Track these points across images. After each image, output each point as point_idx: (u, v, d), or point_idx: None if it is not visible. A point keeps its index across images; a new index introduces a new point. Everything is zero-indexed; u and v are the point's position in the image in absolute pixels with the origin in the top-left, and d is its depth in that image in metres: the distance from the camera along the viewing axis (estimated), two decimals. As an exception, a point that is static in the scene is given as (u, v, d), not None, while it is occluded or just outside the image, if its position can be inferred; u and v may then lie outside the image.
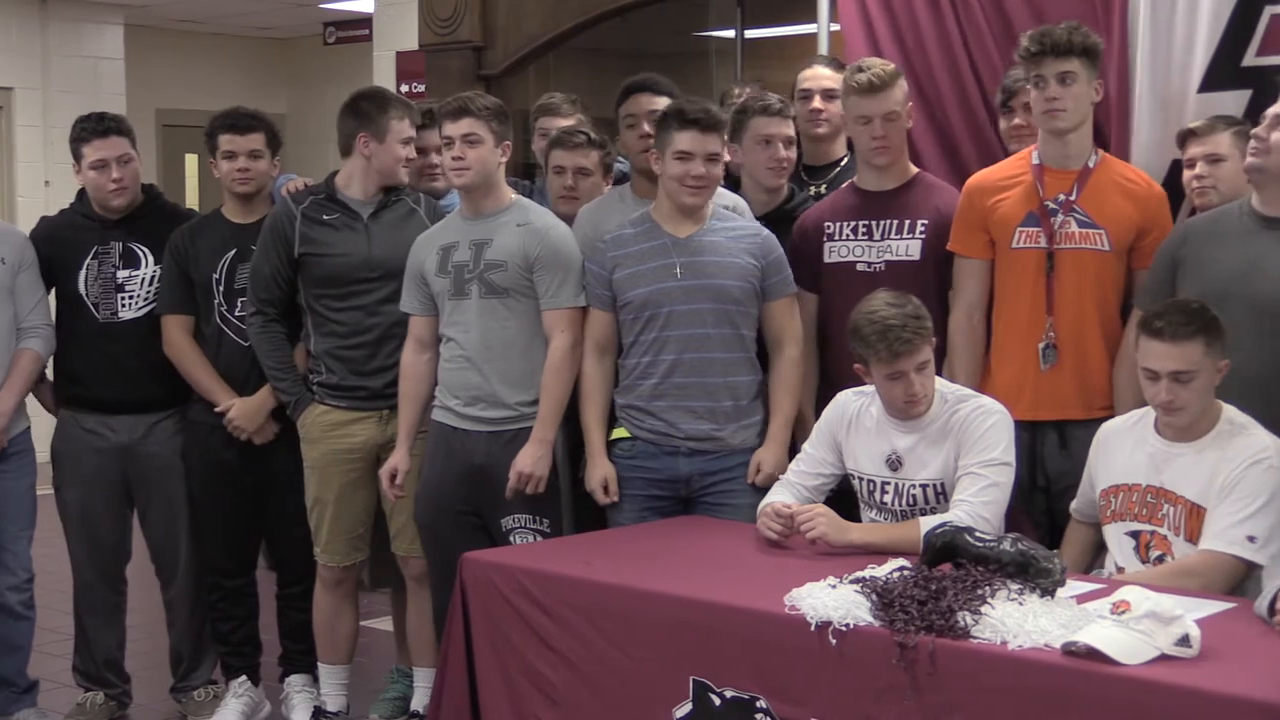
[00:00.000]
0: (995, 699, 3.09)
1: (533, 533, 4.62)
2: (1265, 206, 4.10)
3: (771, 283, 4.56)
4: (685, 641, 3.58)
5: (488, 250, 4.63)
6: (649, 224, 4.59)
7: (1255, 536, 3.64)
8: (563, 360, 4.60)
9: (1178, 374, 3.74)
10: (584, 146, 4.97)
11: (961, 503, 3.93)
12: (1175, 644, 3.01)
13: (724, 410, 4.51)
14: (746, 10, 8.33)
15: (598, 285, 4.60)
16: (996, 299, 4.50)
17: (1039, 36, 4.33)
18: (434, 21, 7.82)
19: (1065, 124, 4.34)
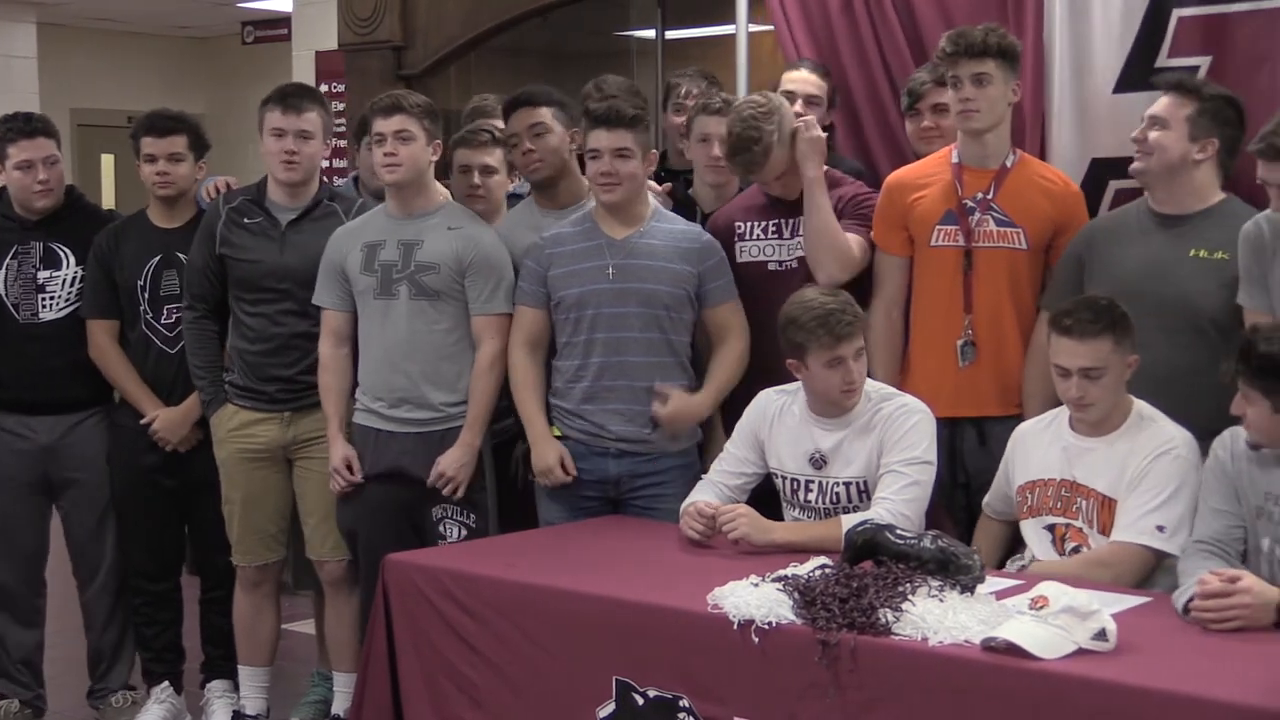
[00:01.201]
0: (916, 695, 3.12)
1: (459, 525, 4.61)
2: (1159, 205, 4.18)
3: (710, 289, 4.55)
4: (608, 641, 3.58)
5: (418, 252, 4.61)
6: (589, 224, 4.59)
7: (1164, 526, 3.70)
8: (491, 365, 4.59)
9: (1087, 370, 3.79)
10: (489, 144, 4.95)
11: (883, 500, 3.96)
12: (1092, 638, 3.05)
13: (651, 414, 4.51)
14: (667, 10, 8.35)
15: (533, 282, 4.58)
16: (915, 296, 4.53)
17: (955, 38, 4.37)
18: (353, 21, 7.78)
19: (980, 124, 4.38)
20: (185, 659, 5.37)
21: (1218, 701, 2.80)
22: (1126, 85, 4.61)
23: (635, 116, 4.51)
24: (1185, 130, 4.09)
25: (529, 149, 4.79)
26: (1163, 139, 4.09)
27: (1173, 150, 4.10)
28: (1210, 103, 4.11)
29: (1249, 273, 3.95)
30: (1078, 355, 3.80)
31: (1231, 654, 3.08)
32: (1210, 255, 4.08)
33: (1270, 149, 3.70)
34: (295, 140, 4.81)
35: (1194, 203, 4.15)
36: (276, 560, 5.04)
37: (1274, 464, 3.52)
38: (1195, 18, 4.54)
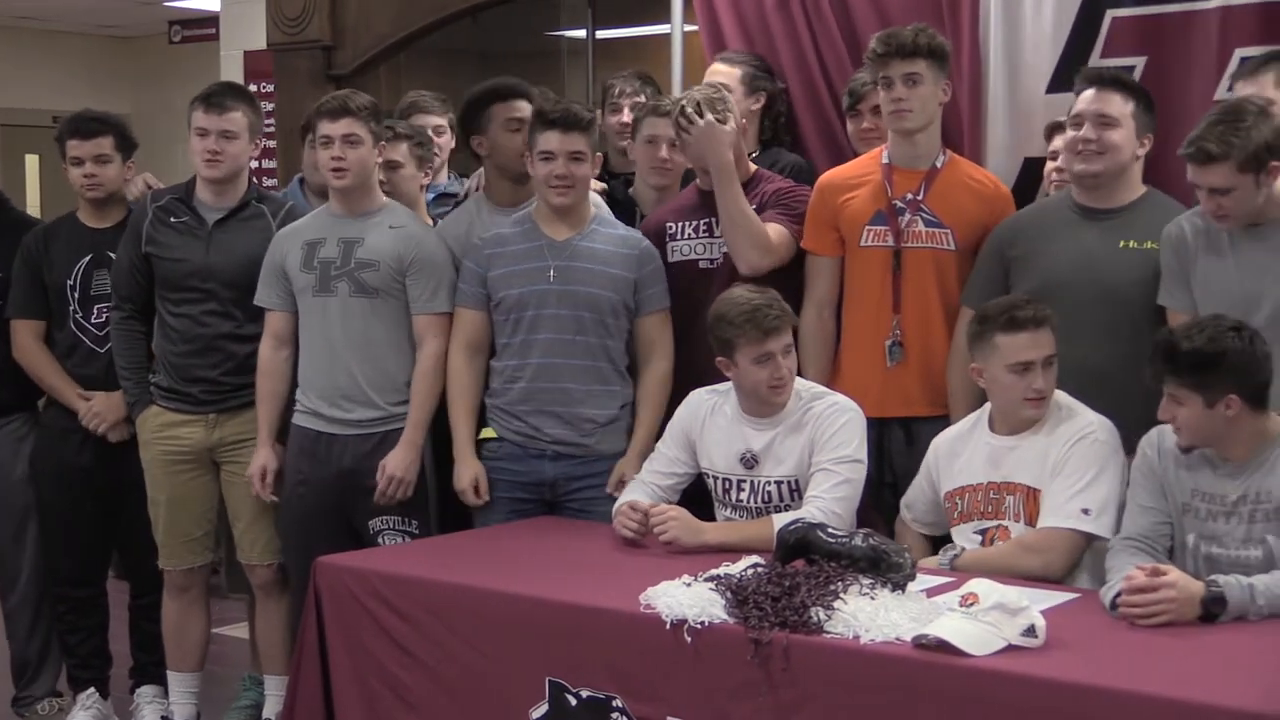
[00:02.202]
0: (848, 693, 3.14)
1: (401, 534, 4.58)
2: (1088, 199, 4.21)
3: (645, 295, 4.55)
4: (541, 642, 3.57)
5: (359, 249, 4.59)
6: (529, 225, 4.57)
7: (1089, 509, 3.74)
8: (434, 366, 4.58)
9: (1049, 358, 3.84)
10: (392, 140, 4.93)
11: (814, 499, 3.98)
12: (1022, 634, 3.07)
13: (586, 418, 4.50)
14: (597, 10, 8.34)
15: (473, 283, 4.57)
16: (845, 296, 4.55)
17: (886, 38, 4.40)
18: (282, 21, 7.72)
19: (911, 124, 4.41)
20: (112, 664, 5.32)
21: (1145, 695, 2.83)
22: (1060, 85, 4.65)
23: (589, 120, 4.51)
24: (1132, 127, 4.13)
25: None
26: (1116, 138, 4.12)
27: (1125, 149, 4.13)
28: (1144, 98, 4.16)
29: (1171, 272, 3.99)
30: (1039, 345, 3.84)
31: (1158, 648, 3.12)
32: (1140, 245, 4.12)
33: (1200, 152, 3.73)
34: (219, 140, 4.78)
35: (1124, 196, 4.19)
36: (203, 564, 4.99)
37: (1201, 462, 3.57)
38: (1129, 18, 4.58)
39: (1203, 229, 3.92)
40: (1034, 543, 3.78)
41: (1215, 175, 3.73)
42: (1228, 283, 3.87)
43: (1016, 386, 3.87)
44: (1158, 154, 4.23)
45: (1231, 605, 3.25)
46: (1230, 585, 3.26)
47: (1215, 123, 3.75)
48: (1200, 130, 3.76)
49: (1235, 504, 3.50)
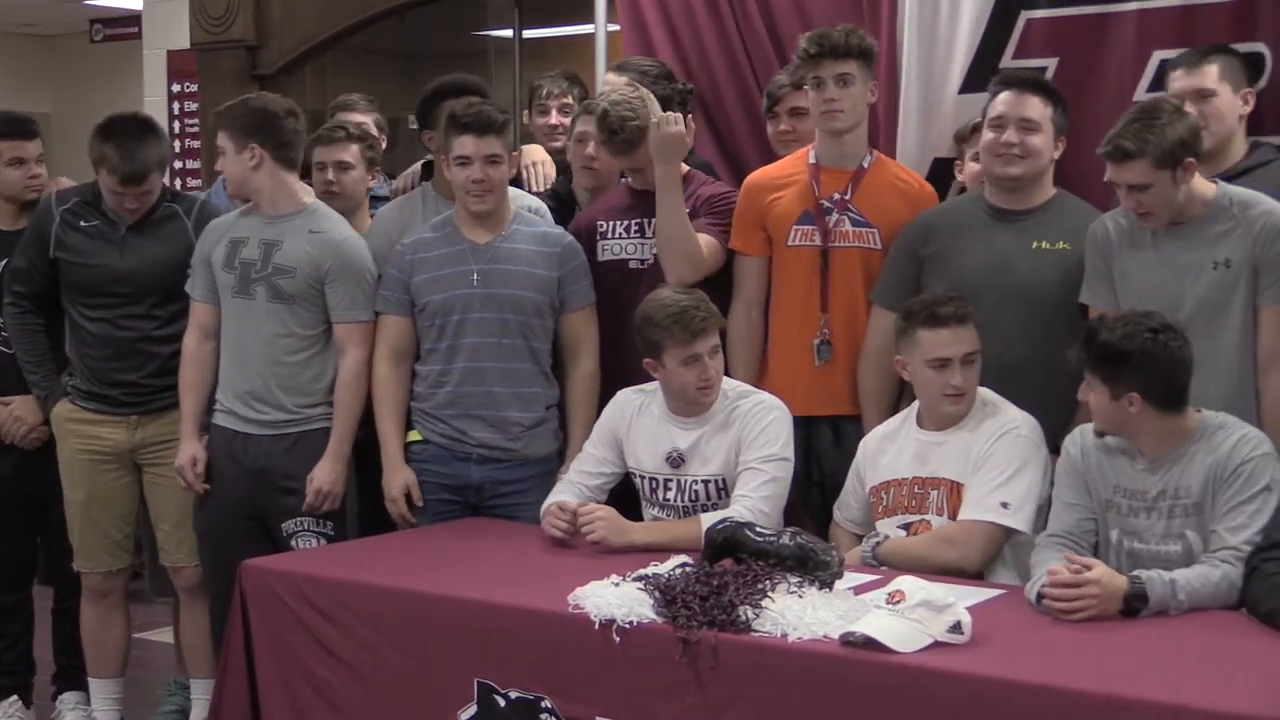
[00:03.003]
0: (777, 691, 3.15)
1: (316, 536, 4.54)
2: (1001, 200, 4.25)
3: (569, 292, 4.54)
4: (469, 643, 3.57)
5: (277, 253, 4.54)
6: (450, 228, 4.55)
7: (1009, 503, 3.77)
8: (358, 374, 4.54)
9: (968, 356, 3.87)
10: (343, 141, 4.91)
11: (742, 498, 3.99)
12: (948, 631, 3.10)
13: (513, 421, 4.49)
14: (524, 10, 8.34)
15: (396, 290, 4.53)
16: (773, 296, 4.56)
17: (818, 39, 4.40)
18: (205, 20, 7.67)
19: (843, 125, 4.43)
20: (36, 671, 5.26)
21: (1069, 690, 2.86)
22: (972, 85, 4.69)
23: (504, 122, 4.49)
24: (1051, 131, 4.17)
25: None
26: (1038, 142, 4.16)
27: (1045, 153, 4.18)
28: (1061, 101, 4.20)
29: (1095, 270, 4.04)
30: (960, 342, 3.87)
31: (1082, 643, 3.15)
32: (1053, 246, 4.16)
33: (1117, 150, 3.79)
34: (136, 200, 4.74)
35: (1036, 198, 4.23)
36: (121, 568, 4.93)
37: (1122, 457, 3.61)
38: (1043, 19, 4.62)
39: (1126, 228, 3.97)
40: (952, 535, 3.82)
41: (1132, 172, 3.78)
42: (1150, 281, 3.92)
43: (935, 382, 3.90)
44: (1067, 155, 4.27)
45: (1153, 600, 3.29)
46: (1152, 581, 3.30)
47: (1131, 121, 3.81)
48: (1117, 129, 3.83)
49: (1155, 499, 3.54)
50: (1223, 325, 3.86)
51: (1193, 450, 3.52)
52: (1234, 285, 3.85)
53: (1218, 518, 3.45)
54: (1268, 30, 4.32)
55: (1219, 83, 4.13)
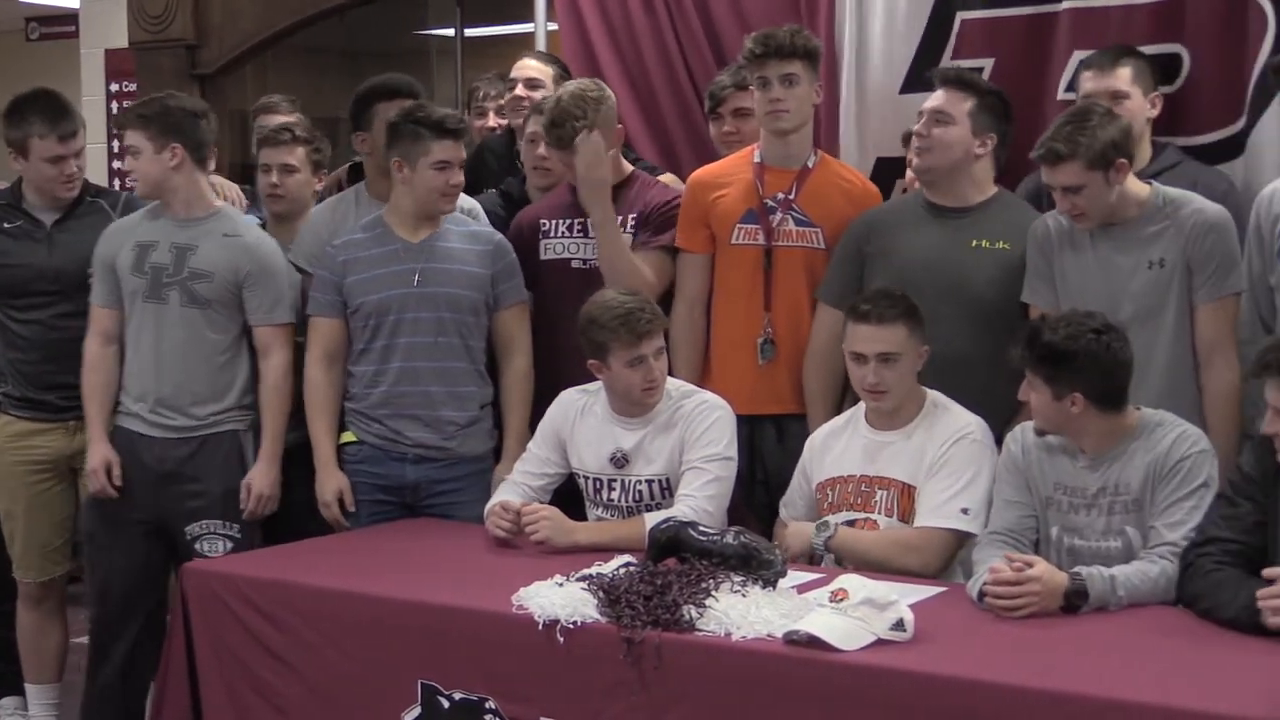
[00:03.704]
0: (720, 690, 3.16)
1: (222, 538, 4.52)
2: (938, 197, 4.29)
3: (502, 290, 4.54)
4: (413, 645, 3.56)
5: (192, 258, 4.49)
6: (381, 228, 4.52)
7: (969, 509, 3.79)
8: (284, 376, 4.52)
9: (885, 355, 3.87)
10: (289, 143, 4.88)
11: (686, 498, 3.99)
12: (890, 628, 3.11)
13: (449, 420, 4.48)
14: (465, 9, 8.32)
15: (328, 291, 4.50)
16: (716, 294, 4.57)
17: (763, 39, 4.42)
18: (144, 18, 7.61)
19: (787, 124, 4.44)
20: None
21: (1011, 687, 2.88)
22: (913, 86, 4.73)
23: (465, 128, 4.52)
24: (968, 125, 4.19)
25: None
26: (947, 135, 4.20)
27: (957, 146, 4.21)
28: (988, 98, 4.24)
29: (1036, 269, 4.07)
30: (876, 340, 3.88)
31: (1023, 640, 3.17)
32: (991, 245, 4.20)
33: (1050, 153, 3.84)
34: (75, 161, 4.71)
35: (973, 195, 4.26)
36: (61, 574, 4.89)
37: (1062, 455, 3.64)
38: (978, 20, 4.67)
39: (1066, 228, 4.01)
40: (914, 541, 3.81)
41: (1065, 174, 3.83)
42: (1089, 281, 3.96)
43: (855, 375, 3.94)
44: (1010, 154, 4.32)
45: (1093, 596, 3.32)
46: (1093, 577, 3.33)
47: (1064, 124, 3.87)
48: (1050, 132, 3.89)
49: (1095, 496, 3.57)
50: (1159, 324, 3.91)
51: (1132, 448, 3.55)
52: (1169, 284, 3.90)
53: (1156, 514, 3.49)
54: (1188, 33, 4.40)
55: (1131, 85, 4.21)
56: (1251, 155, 4.32)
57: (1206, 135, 4.42)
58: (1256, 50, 4.30)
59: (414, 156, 4.42)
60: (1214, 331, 3.88)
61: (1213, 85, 4.40)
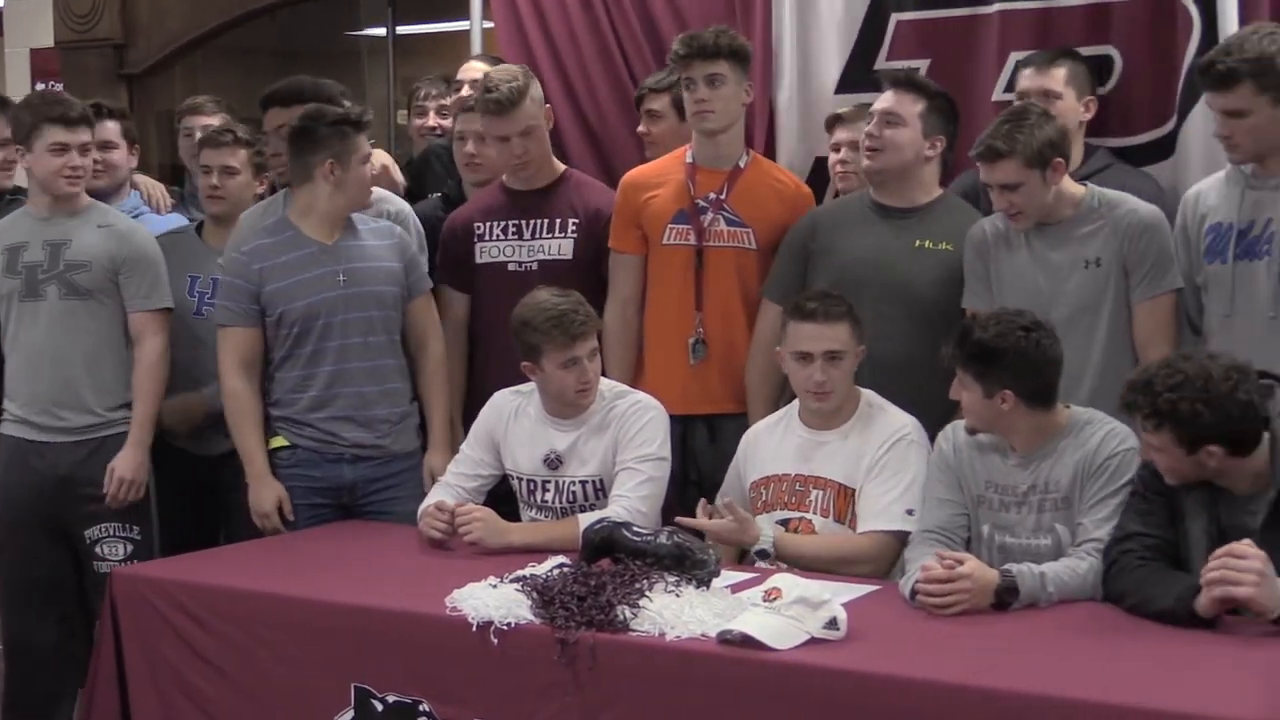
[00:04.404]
0: (655, 690, 3.16)
1: (122, 541, 4.50)
2: (884, 198, 4.30)
3: (413, 280, 4.55)
4: (345, 648, 3.54)
5: (67, 251, 4.49)
6: (290, 231, 4.47)
7: (913, 510, 3.80)
8: (157, 362, 4.53)
9: (832, 354, 3.88)
10: (231, 145, 4.85)
11: (619, 498, 3.99)
12: (824, 627, 3.12)
13: (383, 417, 4.46)
14: (398, 8, 8.29)
15: (243, 300, 4.44)
16: (649, 295, 4.58)
17: (687, 40, 4.44)
18: (70, 18, 7.54)
19: (714, 125, 4.45)
20: None
21: (943, 684, 2.90)
22: (847, 86, 4.76)
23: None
24: (919, 127, 4.22)
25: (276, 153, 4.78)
26: (898, 136, 4.21)
27: (909, 149, 4.23)
28: (937, 100, 4.26)
29: (973, 272, 4.10)
30: (823, 339, 3.88)
31: (954, 637, 3.19)
32: (935, 246, 4.22)
33: (989, 151, 3.87)
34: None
35: (919, 196, 4.29)
36: None
37: (993, 453, 3.66)
38: (913, 21, 4.70)
39: (1003, 230, 4.05)
40: (864, 551, 3.80)
41: (1003, 172, 3.86)
42: (1025, 282, 3.99)
43: (799, 376, 3.93)
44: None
45: (1024, 593, 3.34)
46: (1023, 574, 3.35)
47: (1002, 122, 3.91)
48: (989, 131, 3.92)
49: (1025, 494, 3.60)
50: (1094, 323, 3.95)
51: (1062, 445, 3.58)
52: (1105, 284, 3.94)
53: (1085, 511, 3.51)
54: (1119, 34, 4.44)
55: (1065, 86, 4.26)
56: (1180, 156, 4.37)
57: (1138, 136, 4.47)
58: (1184, 51, 4.35)
59: (346, 155, 4.40)
60: (1150, 330, 3.92)
61: (1143, 87, 4.45)
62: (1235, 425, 3.19)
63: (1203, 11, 4.30)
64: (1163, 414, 3.21)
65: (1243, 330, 3.77)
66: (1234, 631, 3.07)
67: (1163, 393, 3.21)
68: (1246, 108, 3.66)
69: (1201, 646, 3.04)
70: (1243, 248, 3.78)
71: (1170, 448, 3.24)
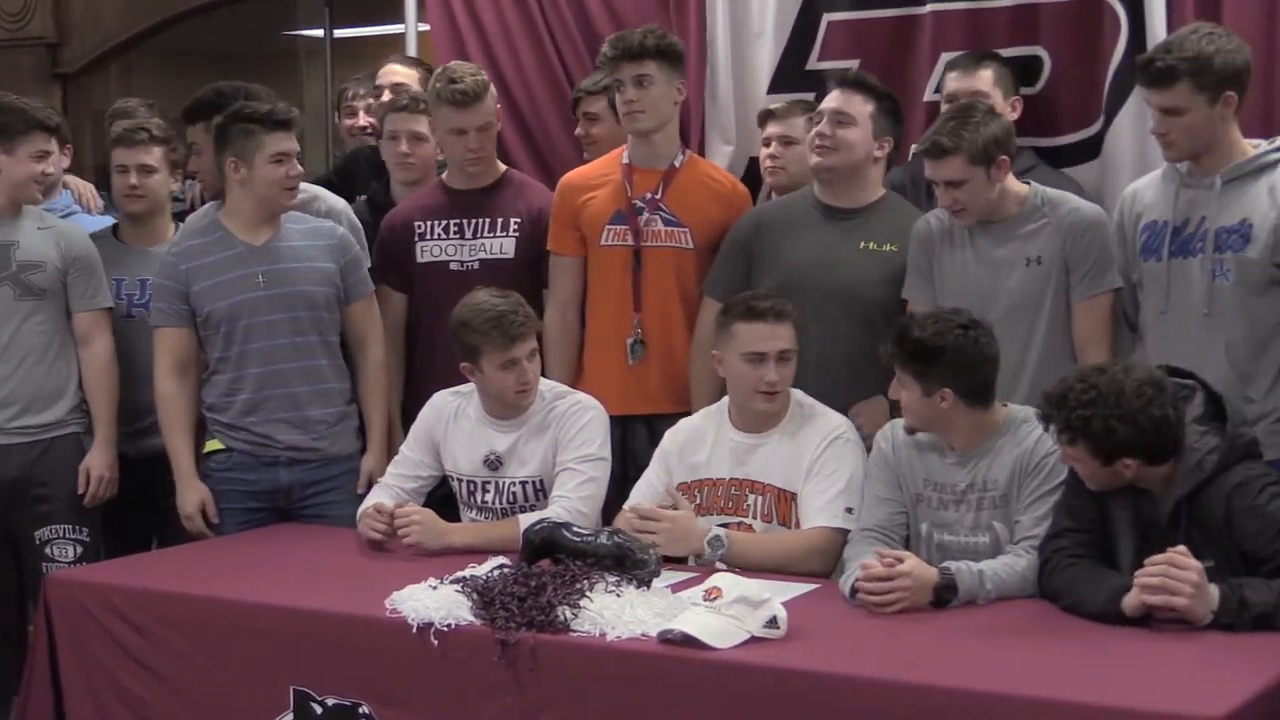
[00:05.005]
0: (596, 690, 3.16)
1: (72, 543, 4.49)
2: (829, 198, 4.31)
3: (351, 283, 4.52)
4: (284, 651, 3.52)
5: (17, 252, 4.48)
6: (220, 232, 4.45)
7: (852, 508, 3.80)
8: (110, 361, 4.54)
9: (783, 353, 3.88)
10: (145, 143, 4.81)
11: (559, 499, 3.99)
12: (764, 626, 3.13)
13: (318, 419, 4.44)
14: (335, 9, 8.25)
15: (173, 301, 4.43)
16: (588, 296, 4.58)
17: (615, 41, 4.45)
18: (1, 15, 7.45)
19: (645, 125, 4.45)
20: None
21: (884, 681, 2.91)
22: (780, 86, 4.79)
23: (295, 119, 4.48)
24: (870, 127, 4.23)
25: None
26: (849, 135, 4.22)
27: (860, 148, 4.23)
28: (885, 101, 4.28)
29: (917, 266, 4.12)
30: (776, 338, 3.87)
31: (895, 634, 3.20)
32: (879, 247, 4.24)
33: (934, 147, 3.89)
34: None
35: (864, 197, 4.30)
36: None
37: (932, 452, 3.68)
38: (844, 22, 4.73)
39: (947, 226, 4.07)
40: (817, 544, 3.79)
41: (948, 168, 3.89)
42: (966, 278, 4.02)
43: (750, 377, 3.90)
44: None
45: (962, 591, 3.36)
46: (961, 572, 3.37)
47: (948, 119, 3.94)
48: (935, 127, 3.96)
49: (964, 492, 3.62)
50: (1034, 321, 3.97)
51: (1000, 444, 3.60)
52: (1046, 282, 3.97)
53: (1022, 509, 3.54)
54: (1047, 35, 4.48)
55: (993, 88, 4.31)
56: (1108, 157, 4.41)
57: (1067, 136, 4.52)
58: (1111, 52, 4.40)
59: (249, 154, 4.37)
60: (1089, 328, 3.95)
61: (1071, 87, 4.50)
62: (1149, 439, 3.23)
63: (1130, 12, 4.35)
64: (1076, 429, 3.25)
65: (1177, 327, 3.81)
66: (1164, 629, 3.10)
67: (1076, 409, 3.24)
68: (1184, 106, 3.69)
69: (1138, 642, 3.06)
70: (1177, 245, 3.82)
71: (1086, 459, 3.28)
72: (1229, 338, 3.75)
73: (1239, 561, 3.21)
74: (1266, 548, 3.18)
